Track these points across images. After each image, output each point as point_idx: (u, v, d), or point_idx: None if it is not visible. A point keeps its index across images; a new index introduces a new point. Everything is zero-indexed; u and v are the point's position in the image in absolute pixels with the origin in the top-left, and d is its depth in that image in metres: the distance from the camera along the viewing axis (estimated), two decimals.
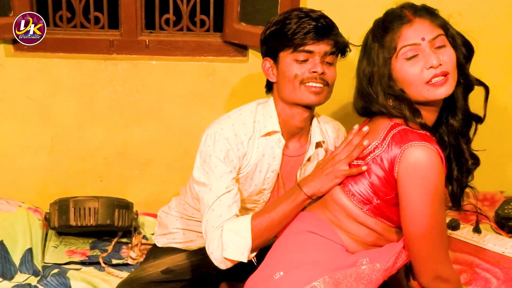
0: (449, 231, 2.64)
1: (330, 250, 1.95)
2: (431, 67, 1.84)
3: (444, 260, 1.90)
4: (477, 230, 2.63)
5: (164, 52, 3.01)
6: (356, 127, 2.03)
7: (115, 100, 3.03)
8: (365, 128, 2.00)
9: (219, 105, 3.04)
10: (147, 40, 3.01)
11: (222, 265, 2.07)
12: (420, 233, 1.86)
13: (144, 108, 3.05)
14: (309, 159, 2.30)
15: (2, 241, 2.67)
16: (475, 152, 2.02)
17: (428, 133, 1.91)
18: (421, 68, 1.86)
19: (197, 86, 3.03)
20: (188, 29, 3.05)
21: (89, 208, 2.80)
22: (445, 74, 1.87)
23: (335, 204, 2.00)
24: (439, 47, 1.87)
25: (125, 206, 2.88)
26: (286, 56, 2.15)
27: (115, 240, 2.89)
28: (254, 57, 2.99)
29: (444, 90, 1.87)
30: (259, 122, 2.22)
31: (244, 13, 2.92)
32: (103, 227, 2.83)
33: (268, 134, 2.22)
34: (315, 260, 1.92)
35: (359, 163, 1.96)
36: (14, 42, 2.94)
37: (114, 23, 3.04)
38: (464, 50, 1.95)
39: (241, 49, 3.02)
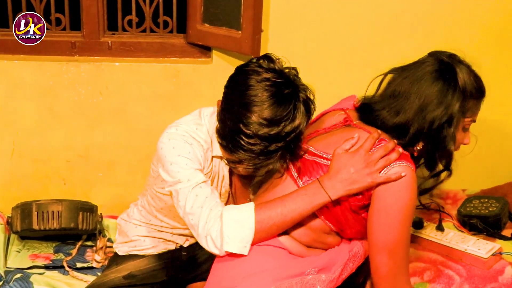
0: (413, 230, 2.67)
1: (274, 257, 1.96)
2: (465, 144, 2.05)
3: (403, 276, 1.95)
4: (440, 228, 2.66)
5: (127, 54, 3.00)
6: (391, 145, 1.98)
7: (77, 102, 3.01)
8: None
9: (183, 106, 3.02)
10: (109, 42, 3.00)
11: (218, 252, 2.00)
12: (387, 247, 1.91)
13: (107, 110, 3.03)
14: None
15: None
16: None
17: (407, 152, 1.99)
18: (461, 141, 2.04)
19: (161, 88, 3.03)
20: (151, 31, 3.05)
21: (53, 212, 2.77)
22: None
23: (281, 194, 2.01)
24: None
25: (89, 209, 2.85)
26: None
27: (80, 243, 2.87)
28: (218, 58, 3.00)
29: None
30: (211, 139, 2.17)
31: (207, 14, 2.92)
32: (67, 230, 2.80)
33: (219, 157, 2.19)
34: (262, 270, 1.93)
35: None
36: None
37: (76, 25, 3.02)
38: None
39: (205, 50, 3.02)
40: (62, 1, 2.95)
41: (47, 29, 2.95)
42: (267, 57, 2.01)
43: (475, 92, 1.98)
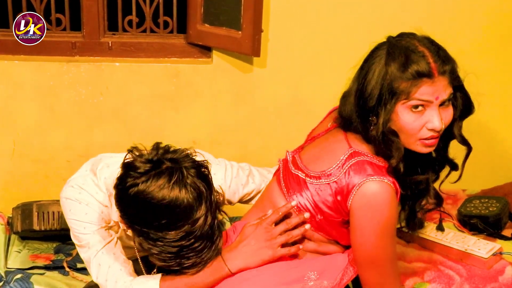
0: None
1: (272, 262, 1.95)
2: (432, 129, 1.82)
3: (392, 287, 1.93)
4: (440, 228, 2.66)
5: (128, 54, 3.01)
6: (291, 204, 1.92)
7: (78, 102, 3.01)
8: (293, 202, 1.93)
9: (183, 106, 3.04)
10: (110, 42, 3.00)
11: None
12: (370, 262, 1.88)
13: (107, 110, 3.03)
14: None
15: None
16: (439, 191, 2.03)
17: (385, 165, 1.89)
18: (422, 124, 1.83)
19: (161, 88, 3.03)
20: (152, 31, 3.05)
21: (53, 212, 2.75)
22: (439, 135, 1.87)
23: (273, 208, 1.98)
24: (444, 106, 1.85)
25: None
26: None
27: None
28: (218, 59, 3.01)
29: (431, 149, 1.88)
30: (107, 207, 2.08)
31: (208, 14, 2.93)
32: (67, 231, 2.58)
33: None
34: (260, 274, 1.91)
35: (312, 182, 1.91)
36: None
37: (76, 25, 3.02)
38: (462, 110, 1.92)
39: (205, 50, 3.02)
40: (62, 1, 2.95)
41: (47, 29, 2.95)
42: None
43: (401, 66, 1.79)
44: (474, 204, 2.84)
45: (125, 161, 1.89)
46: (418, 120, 1.81)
